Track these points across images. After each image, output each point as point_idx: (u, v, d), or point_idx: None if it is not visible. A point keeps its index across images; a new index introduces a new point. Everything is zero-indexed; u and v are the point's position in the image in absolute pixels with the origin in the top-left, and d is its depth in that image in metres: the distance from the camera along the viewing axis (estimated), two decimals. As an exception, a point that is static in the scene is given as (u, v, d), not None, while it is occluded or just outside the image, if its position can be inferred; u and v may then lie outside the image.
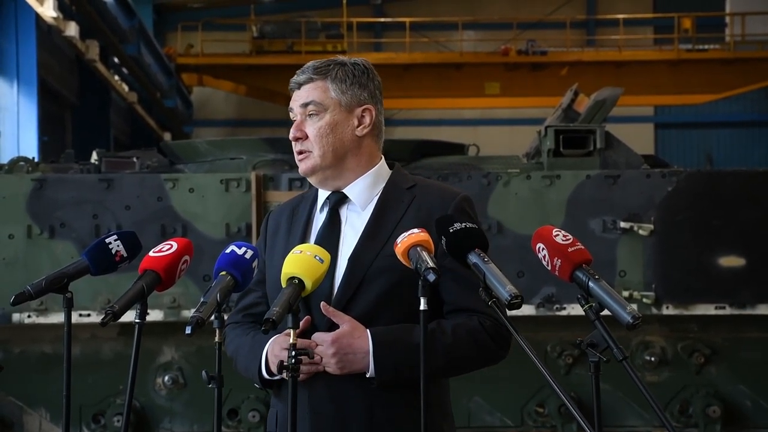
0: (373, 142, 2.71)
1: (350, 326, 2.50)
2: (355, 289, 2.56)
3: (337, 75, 2.66)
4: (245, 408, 6.50)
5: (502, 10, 27.07)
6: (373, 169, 2.70)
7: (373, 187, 2.68)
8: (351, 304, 2.55)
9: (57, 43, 17.43)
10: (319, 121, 2.64)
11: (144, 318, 2.42)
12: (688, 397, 6.68)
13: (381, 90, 2.74)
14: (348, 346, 2.49)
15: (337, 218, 2.67)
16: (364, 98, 2.67)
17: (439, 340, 2.52)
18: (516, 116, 25.76)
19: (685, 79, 23.14)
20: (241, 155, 6.73)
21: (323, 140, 2.63)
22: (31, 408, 6.47)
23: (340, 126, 2.65)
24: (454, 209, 2.62)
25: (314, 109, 2.64)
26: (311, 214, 2.72)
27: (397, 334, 2.52)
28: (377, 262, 2.55)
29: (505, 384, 6.55)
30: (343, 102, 2.65)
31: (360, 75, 2.68)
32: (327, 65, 2.68)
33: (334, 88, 2.65)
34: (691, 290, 6.39)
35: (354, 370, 2.50)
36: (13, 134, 15.26)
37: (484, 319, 2.56)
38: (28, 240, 6.17)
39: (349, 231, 2.64)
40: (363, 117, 2.67)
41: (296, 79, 2.68)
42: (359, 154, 2.68)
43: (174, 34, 25.28)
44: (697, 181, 6.45)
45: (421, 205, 2.64)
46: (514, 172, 6.46)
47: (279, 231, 2.75)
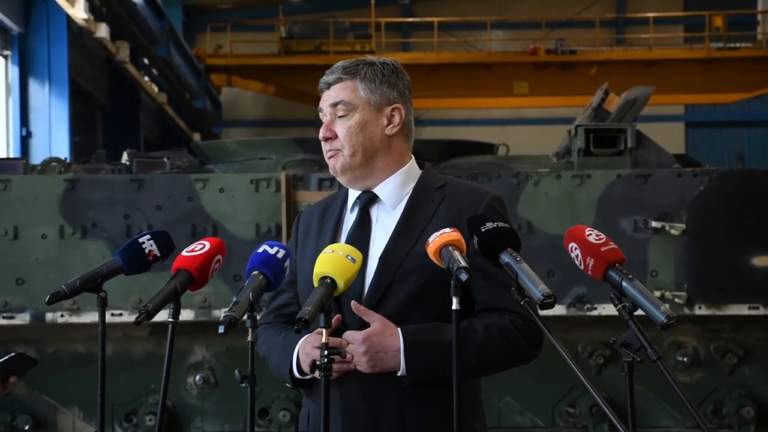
0: (402, 142, 2.71)
1: (381, 324, 2.50)
2: (386, 288, 2.56)
3: (366, 74, 2.66)
4: (276, 407, 6.52)
5: (530, 9, 26.99)
6: (403, 168, 2.70)
7: (403, 186, 2.68)
8: (381, 304, 2.55)
9: (88, 45, 17.56)
10: (349, 121, 2.64)
11: (177, 317, 2.43)
12: (721, 398, 6.64)
13: (410, 89, 2.74)
14: (379, 344, 2.49)
15: (367, 218, 2.67)
16: (394, 97, 2.67)
17: (471, 339, 2.51)
18: (545, 116, 25.68)
19: (715, 78, 22.98)
20: (270, 155, 6.74)
21: (353, 140, 2.64)
22: (64, 407, 6.52)
23: (369, 125, 2.65)
24: (485, 208, 2.61)
25: (344, 109, 2.64)
26: (342, 214, 2.72)
27: (428, 332, 2.52)
28: (408, 261, 2.55)
29: (536, 384, 6.53)
30: (372, 101, 2.65)
31: (389, 74, 2.68)
32: (356, 65, 2.68)
33: (363, 87, 2.65)
34: (723, 290, 6.34)
35: (385, 369, 2.50)
36: (45, 135, 15.39)
37: (516, 318, 2.55)
38: (60, 240, 6.21)
39: (380, 230, 2.64)
40: (392, 116, 2.67)
41: (325, 79, 2.69)
42: (389, 154, 2.68)
43: (203, 35, 25.40)
44: (730, 181, 6.41)
45: (452, 205, 2.63)
46: (544, 172, 6.43)
47: (310, 231, 2.75)
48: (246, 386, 2.36)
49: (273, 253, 2.47)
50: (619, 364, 6.59)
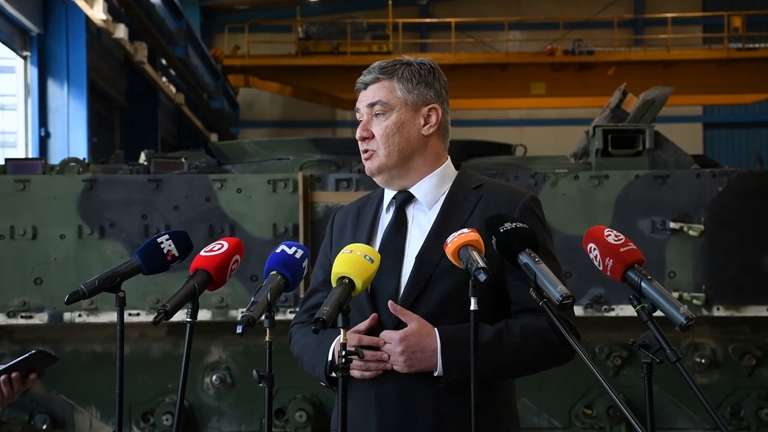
0: (439, 142, 2.71)
1: (418, 324, 2.50)
2: (422, 288, 2.56)
3: (404, 74, 2.67)
4: (292, 408, 6.52)
5: (548, 9, 26.95)
6: (440, 168, 2.70)
7: (439, 186, 2.69)
8: (417, 303, 2.55)
9: (106, 45, 17.63)
10: (386, 121, 2.65)
11: (195, 317, 2.43)
12: (739, 400, 6.61)
13: (447, 90, 2.74)
14: (416, 344, 2.49)
15: (403, 217, 2.68)
16: (431, 97, 2.68)
17: (508, 340, 2.52)
18: (562, 116, 25.64)
19: (734, 79, 22.88)
20: (288, 156, 6.75)
21: (389, 140, 2.64)
22: (81, 406, 6.54)
23: (406, 125, 2.66)
24: (522, 209, 2.62)
25: (380, 109, 2.65)
26: (377, 214, 2.73)
27: (465, 333, 2.49)
28: (444, 261, 2.52)
29: (553, 385, 6.51)
30: (409, 101, 2.66)
31: (426, 74, 2.69)
32: (393, 65, 2.69)
33: (400, 87, 2.66)
34: (742, 292, 6.31)
35: (422, 369, 2.50)
36: (64, 135, 15.46)
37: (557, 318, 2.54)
38: (78, 240, 6.24)
39: (416, 230, 2.65)
40: (429, 116, 2.68)
41: (362, 79, 2.70)
42: (425, 154, 2.68)
43: (221, 36, 25.46)
44: (749, 182, 6.37)
45: (488, 205, 2.63)
46: (561, 173, 6.42)
47: (345, 230, 2.76)
48: (263, 386, 2.36)
49: (291, 254, 2.47)
50: (636, 365, 6.58)
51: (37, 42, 15.33)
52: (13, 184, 6.25)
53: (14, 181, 6.25)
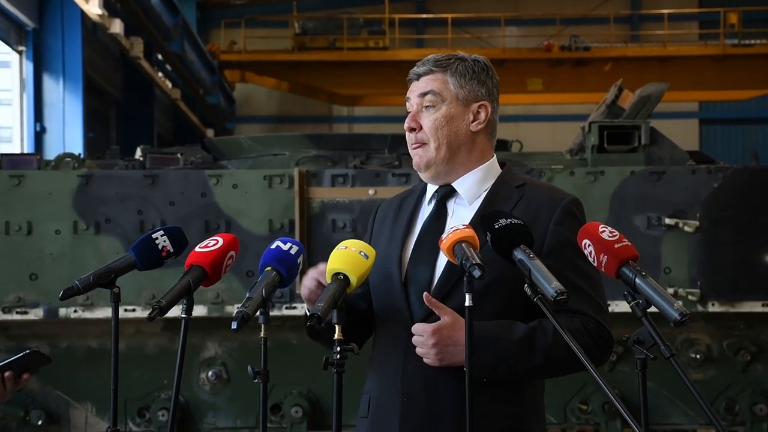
0: (486, 140, 2.71)
1: (452, 318, 2.49)
2: (456, 280, 2.54)
3: (457, 69, 2.67)
4: (288, 403, 6.52)
5: (544, 5, 26.93)
6: (484, 165, 2.70)
7: (482, 182, 2.68)
8: (450, 296, 2.54)
9: (102, 41, 17.60)
10: (436, 113, 2.65)
11: (190, 313, 2.44)
12: (734, 396, 6.62)
13: (498, 89, 2.73)
14: (449, 337, 2.48)
15: (443, 210, 2.68)
16: (482, 94, 2.68)
17: (539, 340, 2.51)
18: (558, 112, 25.64)
19: (730, 75, 22.88)
20: (284, 151, 6.74)
21: (438, 132, 2.64)
22: (77, 402, 6.54)
23: (455, 119, 2.66)
24: (562, 211, 2.61)
25: (432, 100, 2.65)
26: (417, 206, 2.73)
27: (498, 329, 2.50)
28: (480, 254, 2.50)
29: (549, 381, 6.50)
30: (460, 96, 2.66)
31: (480, 71, 2.69)
32: (448, 59, 2.69)
33: (453, 81, 2.66)
34: (737, 287, 6.32)
35: (453, 363, 2.49)
36: (59, 130, 15.44)
37: (588, 321, 2.53)
38: (74, 235, 6.23)
39: (455, 224, 2.60)
40: (479, 113, 2.68)
41: (416, 70, 2.70)
42: (472, 150, 2.68)
43: (217, 31, 25.42)
44: (744, 178, 6.38)
45: (530, 204, 2.62)
46: (557, 168, 6.42)
47: (386, 221, 2.76)
48: (258, 382, 2.37)
49: (286, 249, 2.47)
50: (632, 361, 6.56)
51: (33, 37, 15.30)
52: (8, 179, 6.24)
53: (9, 177, 6.25)
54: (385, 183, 6.26)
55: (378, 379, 2.61)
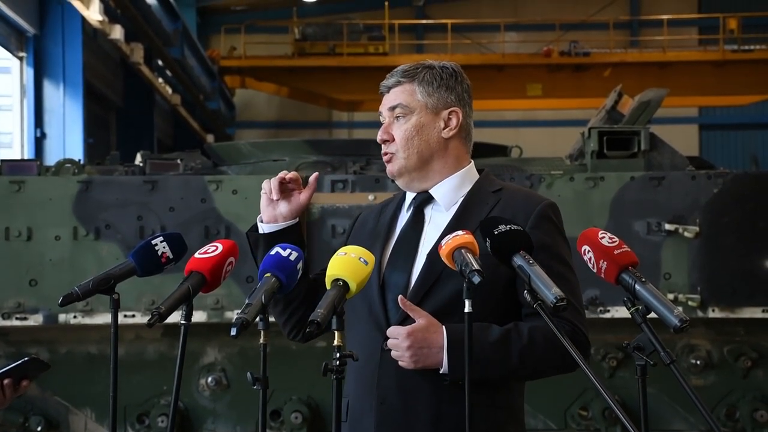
0: (460, 145, 2.73)
1: (426, 321, 2.50)
2: (431, 285, 2.57)
3: (425, 78, 2.69)
4: (288, 409, 6.52)
5: (544, 11, 26.95)
6: (461, 171, 2.72)
7: (459, 188, 2.71)
8: (426, 300, 2.57)
9: (102, 46, 17.61)
10: (406, 124, 2.68)
11: (190, 319, 2.43)
12: (734, 402, 6.61)
13: (470, 93, 2.76)
14: (423, 340, 2.49)
15: (420, 217, 2.70)
16: (452, 101, 2.70)
17: (514, 342, 2.52)
18: (558, 118, 25.63)
19: (730, 80, 22.90)
20: (283, 157, 6.74)
21: (408, 142, 2.67)
22: (76, 408, 6.53)
23: (426, 128, 2.68)
24: (538, 215, 2.63)
25: (401, 112, 2.68)
26: (396, 213, 2.76)
27: (473, 331, 2.50)
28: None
29: (549, 387, 6.49)
30: (429, 104, 2.68)
31: (448, 78, 2.71)
32: (415, 68, 2.72)
33: (420, 90, 2.69)
34: (737, 293, 6.32)
35: (428, 365, 2.50)
36: (59, 136, 15.44)
37: (564, 324, 2.53)
38: (74, 241, 6.23)
39: (432, 230, 2.67)
40: (450, 119, 2.70)
41: (385, 83, 2.74)
42: (445, 156, 2.70)
43: (217, 37, 25.43)
44: (744, 183, 6.38)
45: (505, 208, 2.64)
46: (557, 174, 6.42)
47: (365, 227, 2.80)
48: (258, 388, 2.36)
49: (285, 256, 2.47)
50: (632, 366, 6.55)
51: (33, 43, 15.31)
52: (8, 185, 6.24)
53: (9, 183, 6.25)
54: (385, 188, 6.26)
55: (355, 383, 2.62)
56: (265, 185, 2.81)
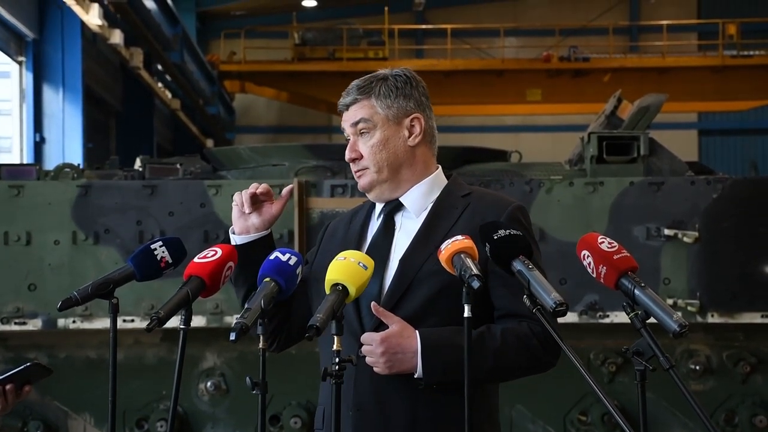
0: (427, 149, 2.75)
1: (399, 326, 2.52)
2: (404, 290, 2.59)
3: (381, 91, 2.71)
4: (287, 414, 6.51)
5: (544, 16, 26.99)
6: (429, 177, 2.74)
7: (428, 194, 2.72)
8: (400, 306, 2.58)
9: (102, 51, 17.64)
10: (371, 139, 2.70)
11: (189, 324, 2.43)
12: (733, 407, 6.60)
13: (427, 95, 2.77)
14: (397, 345, 2.50)
15: (391, 224, 2.72)
16: (411, 108, 2.71)
17: (488, 344, 2.53)
18: (557, 123, 25.67)
19: (729, 86, 22.93)
20: (283, 162, 6.74)
21: (377, 156, 2.69)
22: (75, 413, 6.52)
23: (391, 140, 2.70)
24: (507, 217, 2.64)
25: (364, 127, 2.70)
26: (367, 221, 2.77)
27: (446, 335, 2.53)
28: (427, 265, 2.57)
29: (548, 392, 6.51)
30: (390, 116, 2.70)
31: (403, 86, 2.72)
32: (369, 83, 2.73)
33: (379, 104, 2.70)
34: (736, 298, 6.31)
35: (402, 370, 2.52)
36: (59, 141, 15.46)
37: (535, 325, 2.54)
38: (73, 246, 6.22)
39: (402, 236, 2.68)
40: (413, 126, 2.71)
41: (342, 102, 2.75)
42: (414, 164, 2.72)
43: (217, 42, 25.46)
44: (743, 189, 6.38)
45: (475, 212, 2.66)
46: (556, 179, 6.42)
47: (335, 236, 2.80)
48: (257, 393, 2.36)
49: (285, 260, 2.47)
50: (631, 371, 6.54)
51: (33, 47, 15.33)
52: (7, 189, 6.23)
53: (8, 187, 6.24)
54: (385, 193, 6.24)
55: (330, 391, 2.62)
56: (236, 197, 2.81)
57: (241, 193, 2.81)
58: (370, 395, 2.57)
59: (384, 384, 2.55)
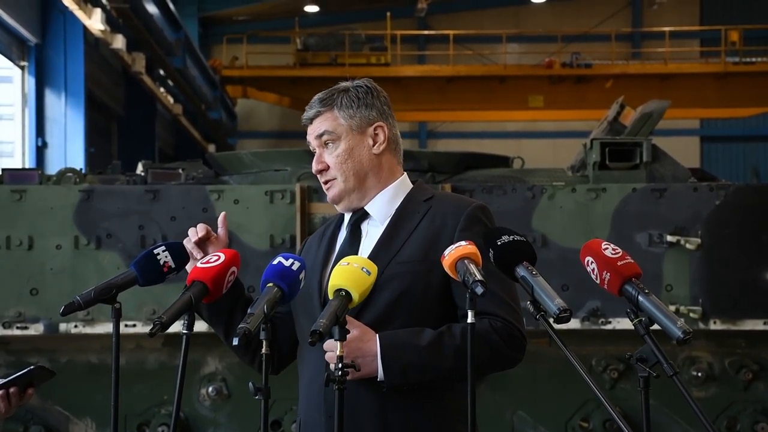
0: (391, 157, 2.80)
1: (360, 331, 2.54)
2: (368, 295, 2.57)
3: (343, 102, 2.75)
4: (288, 420, 6.50)
5: (546, 22, 26.99)
6: (393, 184, 2.78)
7: (392, 201, 2.76)
8: (364, 310, 2.59)
9: (104, 56, 17.65)
10: (336, 150, 2.75)
11: (191, 329, 2.43)
12: (735, 414, 6.59)
13: (389, 104, 2.82)
14: (357, 350, 2.53)
15: (357, 233, 2.76)
16: (373, 117, 2.76)
17: (448, 343, 2.54)
18: (560, 129, 25.67)
19: (731, 92, 22.93)
20: (285, 167, 6.74)
21: (343, 166, 2.74)
22: (77, 417, 6.52)
23: (356, 149, 2.74)
24: (467, 216, 2.66)
25: (329, 138, 2.76)
26: (336, 232, 2.82)
27: (405, 337, 2.56)
28: (389, 269, 2.61)
29: (549, 398, 6.50)
30: (353, 126, 2.75)
31: (364, 96, 2.77)
32: (331, 95, 2.78)
33: (342, 115, 2.75)
34: (738, 305, 6.31)
35: (364, 375, 2.53)
36: (61, 145, 15.47)
37: (495, 320, 2.57)
38: (75, 250, 6.22)
39: (368, 244, 2.72)
40: (377, 135, 2.76)
41: (306, 115, 2.81)
42: (379, 171, 2.77)
43: (219, 47, 25.48)
44: (746, 195, 6.38)
45: (436, 215, 2.69)
46: (559, 185, 6.42)
47: (310, 250, 2.85)
48: (259, 398, 2.36)
49: (288, 265, 2.47)
50: (633, 378, 6.56)
51: (35, 52, 15.34)
52: (9, 194, 6.24)
53: (11, 191, 6.24)
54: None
55: (305, 400, 2.67)
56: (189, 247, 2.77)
57: (185, 243, 2.77)
58: None
59: (352, 390, 2.53)
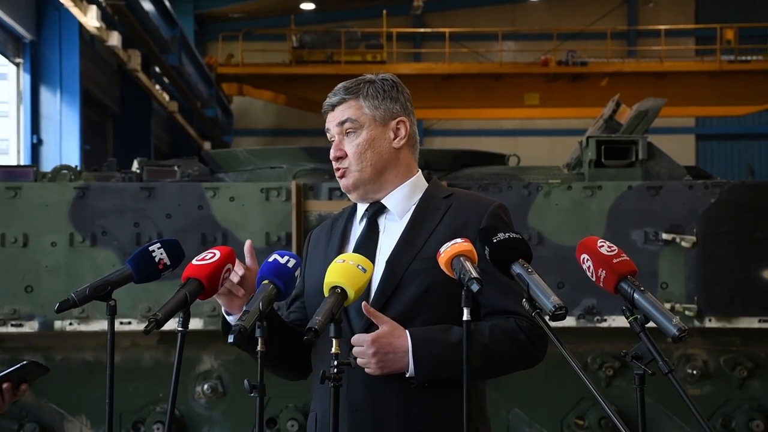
0: (409, 153, 2.79)
1: (390, 326, 2.53)
2: (392, 291, 2.61)
3: (369, 92, 2.73)
4: (284, 417, 6.50)
5: (542, 20, 27.01)
6: (411, 179, 2.77)
7: (410, 196, 2.75)
8: (388, 306, 2.59)
9: (100, 53, 17.62)
10: (357, 139, 2.72)
11: (187, 326, 2.43)
12: (730, 411, 6.60)
13: (411, 102, 2.81)
14: (388, 345, 2.52)
15: (375, 227, 2.74)
16: (397, 111, 2.75)
17: (476, 341, 2.54)
18: (555, 127, 25.68)
19: (726, 91, 22.96)
20: (281, 164, 6.74)
21: (362, 156, 2.71)
22: (71, 415, 6.51)
23: (377, 141, 2.72)
24: (489, 216, 2.67)
25: (351, 126, 2.72)
26: (348, 226, 2.79)
27: (435, 333, 2.55)
28: (414, 264, 2.61)
29: (545, 396, 6.50)
30: (377, 117, 2.73)
31: (390, 89, 2.76)
32: (357, 84, 2.76)
33: (367, 105, 2.73)
34: (734, 303, 6.32)
35: (394, 370, 2.53)
36: (56, 142, 15.45)
37: (521, 320, 2.59)
38: (70, 248, 6.21)
39: (387, 239, 2.70)
40: (398, 129, 2.75)
41: (329, 101, 2.76)
42: (397, 166, 2.75)
43: (215, 44, 25.47)
44: (741, 193, 6.38)
45: (458, 213, 2.69)
46: (554, 183, 6.42)
47: (318, 245, 2.82)
48: (255, 396, 2.36)
49: (283, 263, 2.47)
50: (629, 376, 6.56)
51: (30, 49, 15.32)
52: (4, 191, 6.23)
53: (6, 188, 6.23)
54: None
55: (324, 395, 2.63)
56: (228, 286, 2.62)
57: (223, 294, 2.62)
58: (365, 396, 2.58)
59: (377, 384, 2.56)
